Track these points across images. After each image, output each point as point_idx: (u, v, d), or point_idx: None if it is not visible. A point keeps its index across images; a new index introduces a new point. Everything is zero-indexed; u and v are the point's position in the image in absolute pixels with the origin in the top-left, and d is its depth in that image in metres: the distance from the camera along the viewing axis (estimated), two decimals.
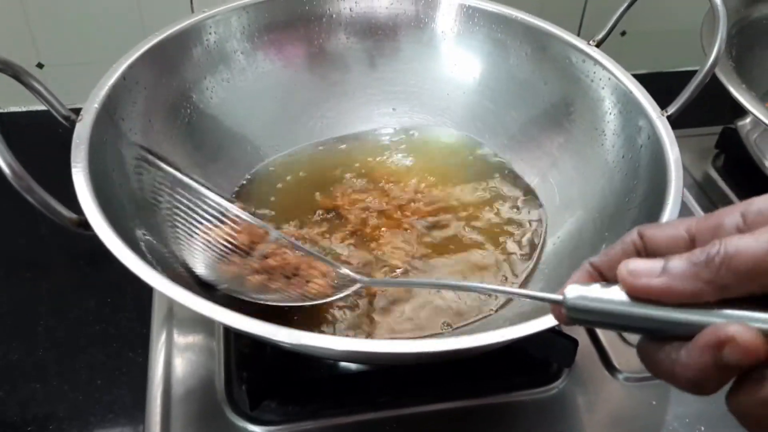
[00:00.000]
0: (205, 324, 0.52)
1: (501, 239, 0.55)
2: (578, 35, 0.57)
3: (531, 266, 0.53)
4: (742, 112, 0.61)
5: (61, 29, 0.71)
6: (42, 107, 0.72)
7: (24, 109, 0.75)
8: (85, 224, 0.38)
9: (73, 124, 0.44)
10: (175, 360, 0.50)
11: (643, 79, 0.53)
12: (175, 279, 0.36)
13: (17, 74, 0.42)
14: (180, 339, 0.51)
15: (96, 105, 0.45)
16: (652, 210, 0.44)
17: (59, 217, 0.38)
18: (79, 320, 0.54)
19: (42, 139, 0.54)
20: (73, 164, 0.41)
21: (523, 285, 0.51)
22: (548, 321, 0.35)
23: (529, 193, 0.58)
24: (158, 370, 0.49)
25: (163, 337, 0.51)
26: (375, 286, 0.49)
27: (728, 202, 0.65)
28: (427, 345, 0.34)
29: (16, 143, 0.38)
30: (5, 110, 0.75)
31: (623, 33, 0.83)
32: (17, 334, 0.53)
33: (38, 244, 0.61)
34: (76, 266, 0.60)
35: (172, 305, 0.53)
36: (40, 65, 0.72)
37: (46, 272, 0.59)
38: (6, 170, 0.36)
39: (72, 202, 0.40)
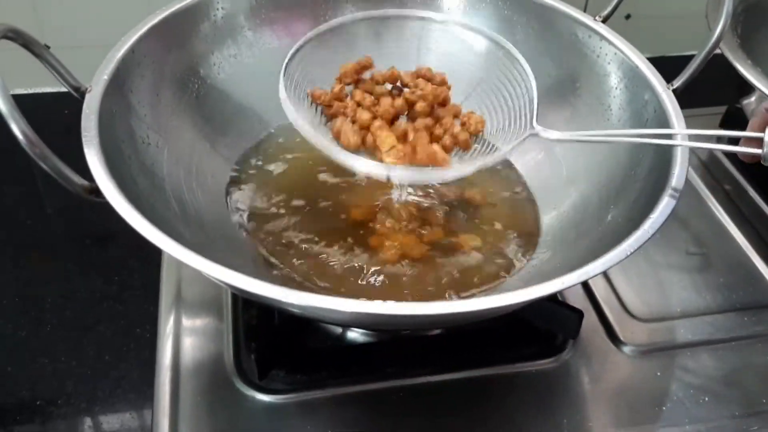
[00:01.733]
0: (213, 299, 0.52)
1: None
2: (584, 12, 0.57)
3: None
4: (747, 90, 0.61)
5: (67, 11, 0.71)
6: (47, 89, 0.74)
7: (30, 91, 0.76)
8: (96, 191, 0.38)
9: (82, 95, 0.44)
10: (184, 335, 0.50)
11: None
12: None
13: (28, 43, 0.42)
14: (188, 315, 0.51)
15: (105, 77, 0.45)
16: (657, 183, 0.44)
17: (72, 184, 0.38)
18: (86, 298, 0.55)
19: (47, 121, 0.54)
20: (83, 133, 0.41)
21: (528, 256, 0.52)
22: (552, 287, 0.36)
23: None
24: (167, 345, 0.49)
25: (172, 313, 0.51)
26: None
27: (732, 180, 0.66)
28: (432, 307, 0.34)
29: None
30: (11, 92, 0.75)
31: (628, 16, 0.83)
32: (25, 313, 0.54)
33: (44, 224, 0.62)
34: (83, 246, 0.60)
35: (180, 282, 0.53)
36: (46, 47, 0.72)
37: (53, 252, 0.59)
38: (20, 137, 0.37)
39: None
